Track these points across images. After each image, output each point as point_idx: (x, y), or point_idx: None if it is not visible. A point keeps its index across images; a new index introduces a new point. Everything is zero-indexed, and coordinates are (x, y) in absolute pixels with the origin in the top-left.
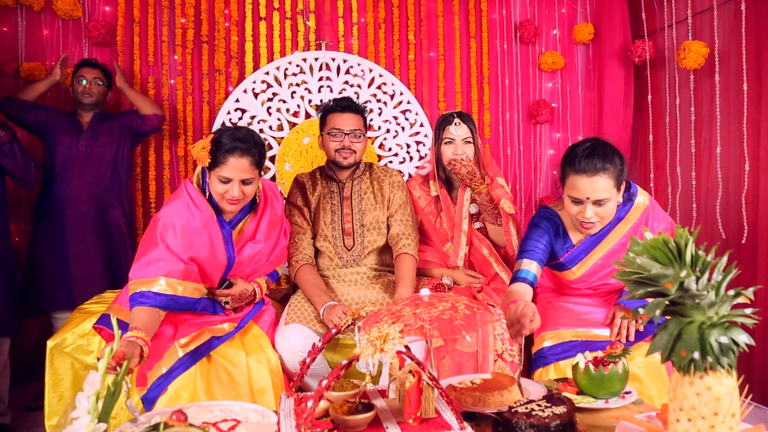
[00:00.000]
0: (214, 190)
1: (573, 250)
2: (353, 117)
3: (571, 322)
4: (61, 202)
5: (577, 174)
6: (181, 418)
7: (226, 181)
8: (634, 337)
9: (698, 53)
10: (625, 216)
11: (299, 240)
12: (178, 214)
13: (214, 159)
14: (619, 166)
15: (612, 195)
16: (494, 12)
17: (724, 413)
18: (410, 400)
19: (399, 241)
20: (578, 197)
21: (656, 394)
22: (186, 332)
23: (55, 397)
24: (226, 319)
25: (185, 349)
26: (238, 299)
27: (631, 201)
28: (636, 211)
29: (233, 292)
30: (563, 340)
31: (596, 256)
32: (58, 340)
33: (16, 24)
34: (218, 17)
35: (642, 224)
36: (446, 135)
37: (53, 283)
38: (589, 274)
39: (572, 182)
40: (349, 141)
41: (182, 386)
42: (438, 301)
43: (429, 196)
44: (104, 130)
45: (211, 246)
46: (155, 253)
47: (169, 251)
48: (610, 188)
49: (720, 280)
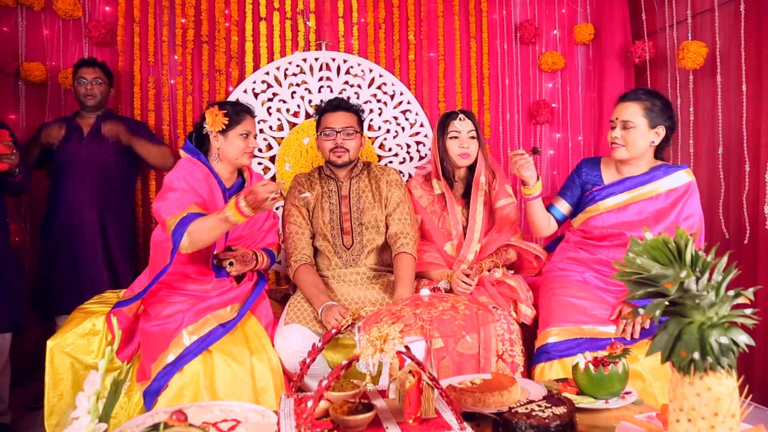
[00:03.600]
0: (234, 147)
1: (604, 186)
2: (344, 115)
3: (576, 318)
4: (65, 208)
5: (620, 101)
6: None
7: (247, 135)
8: (639, 335)
9: (697, 53)
10: (662, 178)
11: (298, 240)
12: (182, 168)
13: (231, 121)
14: (659, 106)
15: (638, 124)
16: (494, 12)
17: (724, 413)
18: (410, 400)
19: (397, 240)
20: (613, 119)
21: (660, 392)
22: (192, 320)
23: (55, 397)
24: (229, 299)
25: (192, 337)
26: (241, 260)
27: (673, 170)
28: (675, 179)
29: (236, 254)
30: (568, 337)
31: (622, 198)
32: (58, 340)
33: (17, 24)
34: (218, 17)
35: (678, 197)
36: (451, 129)
37: (62, 291)
38: (609, 214)
39: (615, 109)
40: (341, 139)
41: (185, 384)
42: (438, 301)
43: (431, 195)
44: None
45: (211, 193)
46: (175, 194)
47: (185, 191)
48: (638, 116)
49: (720, 280)
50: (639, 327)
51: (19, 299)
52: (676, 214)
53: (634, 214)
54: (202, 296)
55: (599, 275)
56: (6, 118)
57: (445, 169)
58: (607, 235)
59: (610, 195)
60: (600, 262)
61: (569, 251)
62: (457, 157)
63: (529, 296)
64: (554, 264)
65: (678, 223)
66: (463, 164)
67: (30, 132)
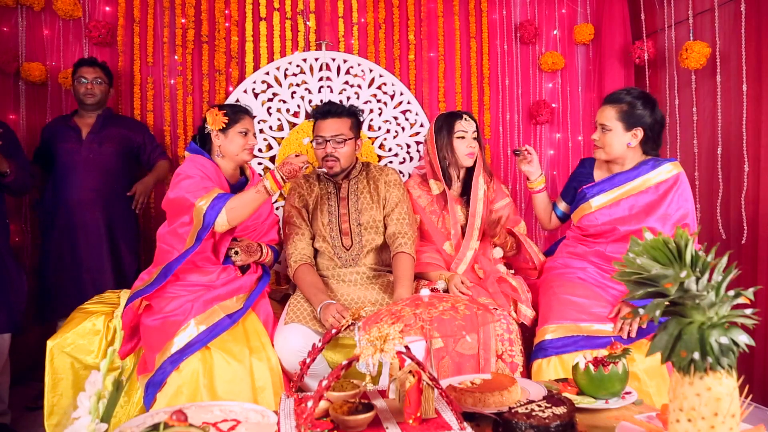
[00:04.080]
0: (234, 144)
1: (594, 183)
2: (334, 122)
3: (574, 315)
4: (65, 209)
5: (602, 104)
6: (181, 418)
7: (246, 132)
8: (635, 334)
9: (700, 53)
10: (649, 172)
11: (298, 240)
12: (193, 160)
13: (230, 120)
14: (638, 107)
15: (614, 127)
16: (494, 12)
17: (724, 414)
18: (410, 401)
19: (396, 240)
20: (596, 121)
21: (656, 392)
22: (200, 310)
23: (55, 397)
24: (235, 289)
25: (200, 327)
26: (246, 251)
27: (660, 163)
28: (660, 173)
29: (241, 244)
30: (565, 334)
31: (613, 195)
32: (58, 340)
33: (17, 24)
34: (218, 17)
35: (668, 189)
36: (458, 129)
37: (64, 293)
38: (602, 212)
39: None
40: (331, 147)
41: (184, 383)
42: (438, 301)
43: (430, 195)
44: (108, 136)
45: (222, 185)
46: (193, 181)
47: (202, 177)
48: (613, 119)
49: (720, 280)
50: (636, 326)
51: (18, 300)
52: (667, 205)
53: (626, 210)
54: (209, 286)
55: (598, 269)
56: (6, 118)
57: (444, 169)
58: (601, 232)
59: (600, 192)
60: (597, 254)
61: (569, 247)
62: (464, 156)
63: (528, 297)
64: (555, 260)
65: (669, 213)
66: (469, 164)
67: (30, 132)
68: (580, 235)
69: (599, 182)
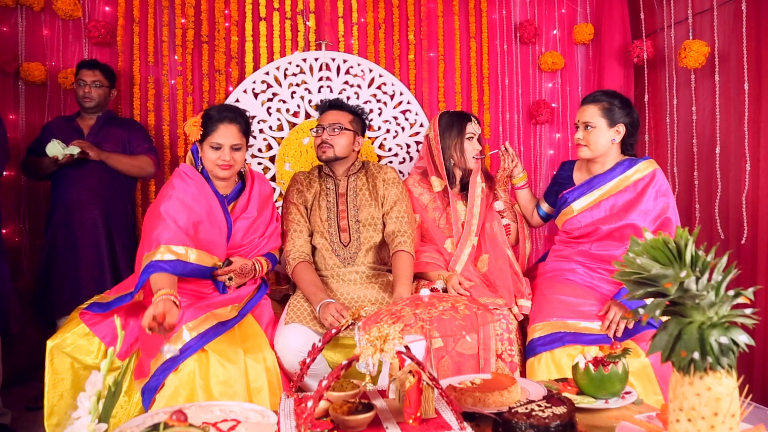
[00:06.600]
0: (207, 158)
1: (574, 187)
2: (334, 113)
3: (562, 313)
4: (64, 209)
5: (581, 105)
6: (181, 418)
7: (218, 147)
8: (621, 333)
9: (699, 52)
10: (623, 173)
11: (296, 237)
12: (173, 186)
13: (205, 130)
14: (617, 105)
15: (598, 124)
16: (494, 12)
17: (724, 413)
18: (410, 400)
19: (395, 238)
20: (576, 122)
21: (641, 393)
22: (193, 316)
23: (55, 397)
24: (230, 298)
25: (192, 333)
26: (240, 274)
27: (636, 161)
28: (636, 171)
29: (233, 268)
30: (552, 330)
31: (593, 197)
32: (58, 340)
33: (16, 24)
34: (218, 17)
35: (645, 185)
36: (469, 131)
37: (65, 294)
38: (584, 214)
39: (578, 113)
40: (326, 135)
41: (181, 384)
42: (438, 301)
43: (432, 192)
44: (107, 136)
45: (209, 207)
46: (158, 226)
47: (170, 220)
48: (597, 116)
49: (720, 280)
50: (623, 326)
51: (7, 302)
52: (646, 200)
53: (607, 210)
54: (203, 295)
55: (586, 268)
56: (6, 118)
57: (449, 168)
58: (586, 234)
59: (580, 195)
60: (583, 254)
61: (557, 251)
62: (472, 159)
63: (528, 290)
64: (546, 265)
65: (649, 209)
66: (474, 167)
67: (30, 132)
68: (566, 238)
69: (578, 186)
